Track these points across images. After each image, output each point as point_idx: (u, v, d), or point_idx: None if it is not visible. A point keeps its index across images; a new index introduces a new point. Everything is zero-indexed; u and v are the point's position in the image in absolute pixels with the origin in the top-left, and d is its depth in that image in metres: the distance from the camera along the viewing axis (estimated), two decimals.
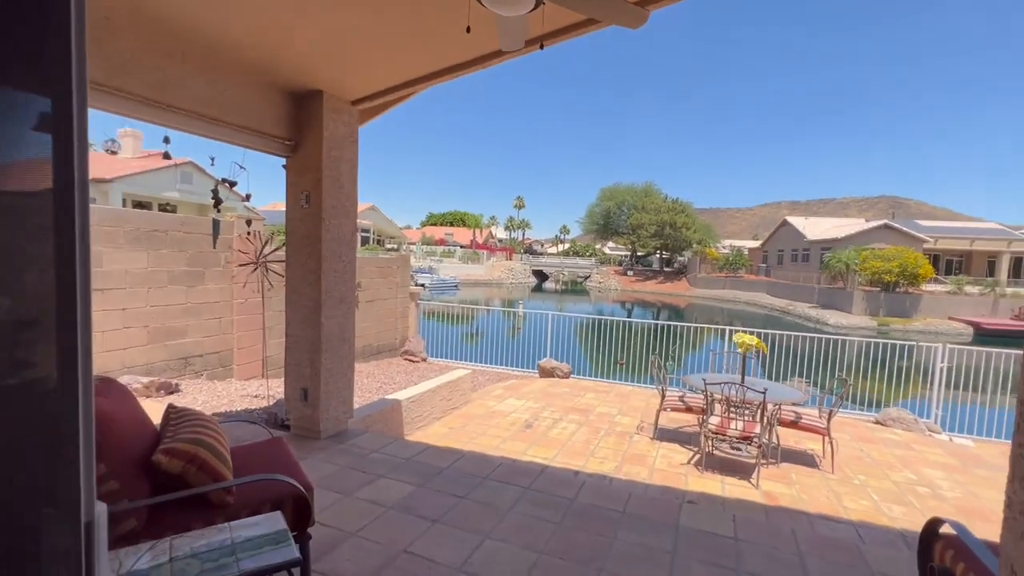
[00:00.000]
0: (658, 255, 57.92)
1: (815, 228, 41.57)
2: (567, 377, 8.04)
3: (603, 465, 4.51)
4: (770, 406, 4.58)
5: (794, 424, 4.75)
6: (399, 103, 4.10)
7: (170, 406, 2.40)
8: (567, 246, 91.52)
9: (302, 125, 3.83)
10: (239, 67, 3.32)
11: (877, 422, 6.73)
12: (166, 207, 21.26)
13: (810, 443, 5.21)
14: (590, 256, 71.23)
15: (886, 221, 35.01)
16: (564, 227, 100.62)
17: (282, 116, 3.74)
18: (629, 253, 62.21)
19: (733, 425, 4.41)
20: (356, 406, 5.20)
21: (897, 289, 28.99)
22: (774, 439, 4.65)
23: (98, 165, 19.33)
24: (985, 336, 25.69)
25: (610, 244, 76.96)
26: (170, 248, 5.82)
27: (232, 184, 3.99)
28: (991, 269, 36.17)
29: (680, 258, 57.46)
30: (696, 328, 8.55)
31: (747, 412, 4.80)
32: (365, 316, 8.41)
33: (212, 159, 3.95)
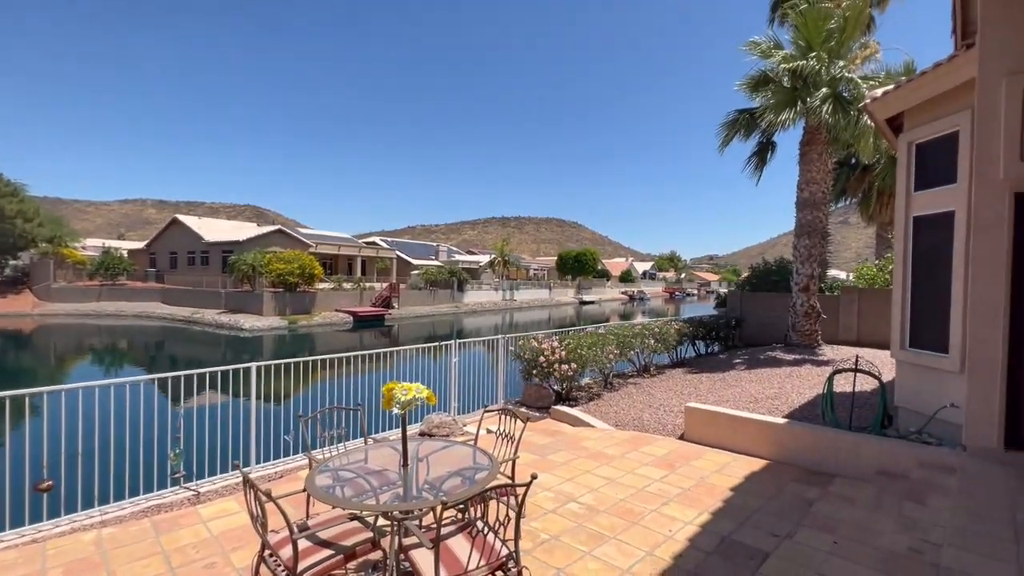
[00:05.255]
0: None
1: (212, 229, 39.25)
2: None
3: None
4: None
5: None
6: None
7: None
8: None
9: None
10: None
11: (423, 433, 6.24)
12: None
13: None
14: None
15: (280, 227, 37.68)
16: None
17: None
18: None
19: None
20: None
21: (298, 289, 31.79)
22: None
23: None
24: (360, 321, 32.43)
25: None
26: None
27: None
28: (350, 269, 46.46)
29: (14, 262, 39.78)
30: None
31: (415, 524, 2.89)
32: None
33: None
